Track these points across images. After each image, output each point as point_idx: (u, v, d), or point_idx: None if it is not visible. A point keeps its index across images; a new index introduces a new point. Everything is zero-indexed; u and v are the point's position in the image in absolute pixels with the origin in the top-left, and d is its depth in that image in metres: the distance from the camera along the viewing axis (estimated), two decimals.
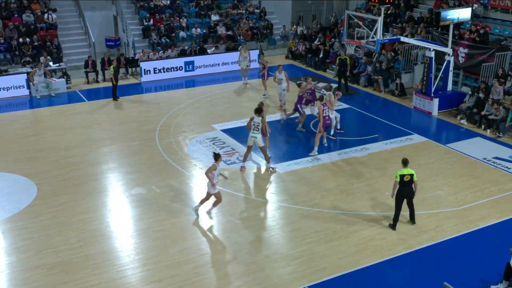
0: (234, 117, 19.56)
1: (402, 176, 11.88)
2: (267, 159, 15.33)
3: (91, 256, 11.29)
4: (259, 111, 15.06)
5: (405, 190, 12.00)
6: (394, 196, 12.12)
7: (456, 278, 10.41)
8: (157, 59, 25.04)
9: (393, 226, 12.27)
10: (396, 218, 12.24)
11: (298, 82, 19.01)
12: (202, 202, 12.76)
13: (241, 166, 15.38)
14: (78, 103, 21.59)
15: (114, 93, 21.74)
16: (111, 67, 21.55)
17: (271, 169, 15.21)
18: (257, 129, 14.93)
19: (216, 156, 12.39)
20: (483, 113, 18.31)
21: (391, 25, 25.44)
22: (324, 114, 15.91)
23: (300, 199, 13.74)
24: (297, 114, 18.36)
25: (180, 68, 25.22)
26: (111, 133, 18.23)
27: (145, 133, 18.17)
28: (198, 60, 25.53)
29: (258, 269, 10.88)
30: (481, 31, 21.45)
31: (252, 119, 14.97)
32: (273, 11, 32.71)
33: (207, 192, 12.57)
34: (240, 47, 25.56)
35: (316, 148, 16.12)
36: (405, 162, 12.10)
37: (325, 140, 16.83)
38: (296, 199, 13.73)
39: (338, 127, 17.82)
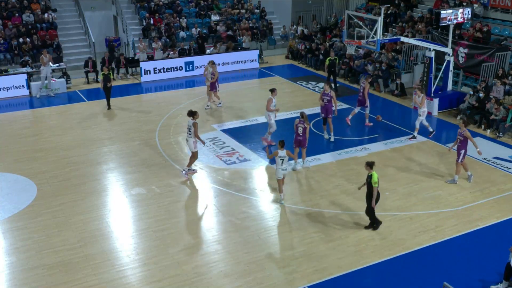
0: (234, 117, 19.55)
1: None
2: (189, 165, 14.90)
3: (91, 256, 11.29)
4: (192, 114, 14.53)
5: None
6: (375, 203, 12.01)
7: (456, 278, 10.41)
8: (162, 51, 25.36)
9: (375, 225, 12.26)
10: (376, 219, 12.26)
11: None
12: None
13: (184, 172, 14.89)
14: (78, 103, 21.59)
15: (107, 101, 20.62)
16: (101, 73, 20.69)
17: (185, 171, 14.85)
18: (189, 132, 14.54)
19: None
20: (485, 110, 18.30)
21: (391, 25, 25.44)
22: (299, 132, 14.88)
23: (300, 199, 13.74)
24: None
25: (180, 68, 25.22)
26: (111, 133, 18.23)
27: (145, 133, 18.17)
28: (198, 60, 25.52)
29: (258, 269, 10.88)
30: (484, 29, 21.48)
31: None
32: (273, 11, 32.71)
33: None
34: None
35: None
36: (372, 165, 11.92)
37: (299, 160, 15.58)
38: (296, 199, 13.73)
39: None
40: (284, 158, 13.02)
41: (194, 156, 14.80)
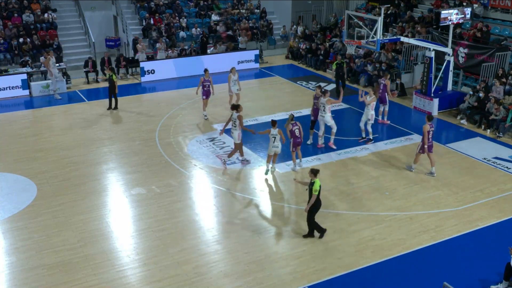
0: None
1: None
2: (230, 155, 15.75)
3: (91, 256, 11.29)
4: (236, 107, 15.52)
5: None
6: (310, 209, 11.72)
7: (456, 278, 10.41)
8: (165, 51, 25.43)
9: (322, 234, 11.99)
10: (316, 227, 11.97)
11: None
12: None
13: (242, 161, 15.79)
14: (78, 103, 21.59)
15: (110, 100, 20.60)
16: (113, 75, 20.33)
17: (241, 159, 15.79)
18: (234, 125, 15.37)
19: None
20: (485, 110, 18.30)
21: (391, 25, 25.44)
22: (297, 134, 14.94)
23: (300, 199, 13.74)
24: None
25: (181, 68, 25.20)
26: (111, 133, 18.23)
27: (145, 133, 18.17)
28: (199, 60, 25.51)
29: (258, 269, 10.89)
30: (484, 29, 21.49)
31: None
32: (273, 11, 32.70)
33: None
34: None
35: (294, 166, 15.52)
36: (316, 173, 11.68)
37: (298, 161, 15.65)
38: (296, 199, 13.73)
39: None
40: (276, 136, 14.45)
41: (236, 148, 15.56)
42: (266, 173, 14.91)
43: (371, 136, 17.18)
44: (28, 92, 22.39)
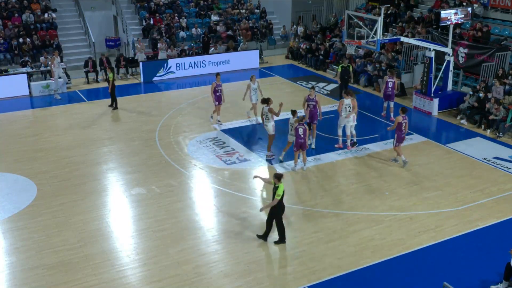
0: (234, 117, 19.54)
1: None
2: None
3: (91, 256, 11.29)
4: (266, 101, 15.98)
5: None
6: (268, 212, 11.56)
7: (456, 278, 10.41)
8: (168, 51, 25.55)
9: (282, 240, 11.74)
10: (283, 232, 11.75)
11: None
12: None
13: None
14: (78, 103, 21.59)
15: (112, 99, 20.68)
16: (111, 75, 20.40)
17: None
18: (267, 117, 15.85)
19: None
20: (485, 110, 18.31)
21: (391, 25, 25.44)
22: (300, 133, 14.75)
23: (300, 199, 13.74)
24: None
25: (181, 68, 25.19)
26: (111, 133, 18.23)
27: (145, 133, 18.17)
28: (199, 60, 25.51)
29: (258, 269, 10.89)
30: (484, 29, 21.48)
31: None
32: (273, 11, 32.71)
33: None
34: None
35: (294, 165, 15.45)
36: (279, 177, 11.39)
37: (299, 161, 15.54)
38: (296, 199, 13.73)
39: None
40: (294, 124, 15.04)
41: (271, 139, 15.96)
42: (281, 161, 15.66)
43: (355, 139, 16.97)
44: (28, 92, 22.37)
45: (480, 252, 11.52)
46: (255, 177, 12.46)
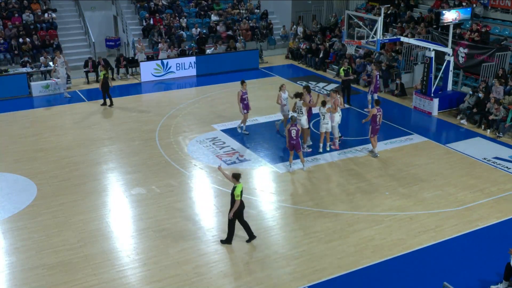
0: (234, 117, 19.53)
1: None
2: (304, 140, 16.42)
3: (91, 256, 11.29)
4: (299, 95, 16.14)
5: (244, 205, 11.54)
6: (234, 215, 11.42)
7: (456, 278, 10.41)
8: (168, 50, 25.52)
9: (229, 241, 11.69)
10: (232, 235, 11.69)
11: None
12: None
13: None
14: (78, 103, 21.58)
15: (104, 97, 20.98)
16: (102, 73, 20.85)
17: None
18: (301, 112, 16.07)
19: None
20: (485, 110, 18.30)
21: (391, 25, 25.44)
22: (292, 135, 14.66)
23: (300, 199, 13.74)
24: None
25: (181, 68, 25.18)
26: (111, 133, 18.23)
27: (145, 133, 18.17)
28: (199, 60, 25.50)
29: (258, 269, 10.89)
30: (483, 30, 21.46)
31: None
32: (273, 11, 32.70)
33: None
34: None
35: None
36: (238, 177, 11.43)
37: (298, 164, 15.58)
38: (296, 199, 13.74)
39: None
40: (325, 114, 15.92)
41: (306, 132, 16.32)
42: (324, 150, 16.27)
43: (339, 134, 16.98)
44: (28, 92, 22.37)
45: (480, 252, 11.52)
46: (219, 168, 12.07)
